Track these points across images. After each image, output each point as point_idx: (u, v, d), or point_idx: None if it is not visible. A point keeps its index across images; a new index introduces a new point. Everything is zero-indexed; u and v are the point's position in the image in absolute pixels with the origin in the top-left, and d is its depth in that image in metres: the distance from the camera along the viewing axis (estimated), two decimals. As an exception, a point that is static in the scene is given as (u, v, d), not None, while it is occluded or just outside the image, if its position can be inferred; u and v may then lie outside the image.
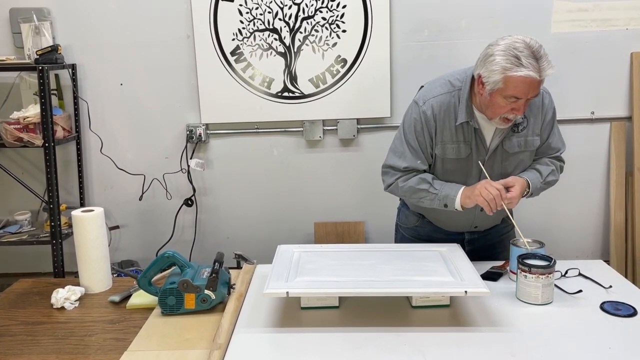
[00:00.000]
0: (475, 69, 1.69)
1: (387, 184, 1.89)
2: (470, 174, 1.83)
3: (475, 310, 1.54)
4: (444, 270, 1.59)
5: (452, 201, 1.77)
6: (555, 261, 1.60)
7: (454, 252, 1.72)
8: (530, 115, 1.80)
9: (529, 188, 1.79)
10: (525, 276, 1.58)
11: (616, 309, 1.53)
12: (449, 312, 1.54)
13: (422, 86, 1.91)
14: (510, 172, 1.83)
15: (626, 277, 2.78)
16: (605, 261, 1.97)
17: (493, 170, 1.82)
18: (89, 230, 1.75)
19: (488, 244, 1.99)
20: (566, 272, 1.77)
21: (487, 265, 1.84)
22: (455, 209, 1.77)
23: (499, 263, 1.85)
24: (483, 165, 1.80)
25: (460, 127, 1.77)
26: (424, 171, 1.85)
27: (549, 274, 1.56)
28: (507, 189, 1.73)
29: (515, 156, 1.82)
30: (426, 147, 1.81)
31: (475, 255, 1.93)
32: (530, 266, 1.57)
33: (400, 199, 2.11)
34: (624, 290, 1.66)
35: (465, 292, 1.43)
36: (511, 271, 1.74)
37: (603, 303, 1.57)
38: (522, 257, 1.62)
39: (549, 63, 1.59)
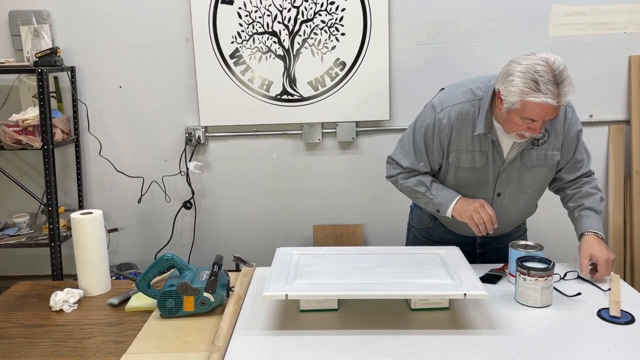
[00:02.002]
0: (496, 82, 1.65)
1: (389, 174, 1.93)
2: (486, 184, 1.81)
3: (475, 313, 1.54)
4: (443, 272, 1.59)
5: (444, 210, 1.79)
6: (554, 264, 1.60)
7: (453, 255, 1.72)
8: (552, 130, 1.76)
9: (601, 234, 1.77)
10: (524, 279, 1.58)
11: (614, 316, 1.52)
12: (448, 315, 1.54)
13: (442, 88, 1.87)
14: (527, 186, 1.82)
15: (625, 279, 2.79)
16: (604, 264, 1.97)
17: (509, 183, 1.81)
18: (88, 232, 1.74)
19: (500, 246, 1.95)
20: (565, 275, 1.77)
21: (486, 268, 1.84)
22: (446, 215, 1.80)
23: (498, 266, 1.85)
24: (498, 177, 1.79)
25: (478, 137, 1.75)
26: (426, 173, 1.85)
27: (548, 276, 1.56)
28: (593, 264, 1.72)
29: (533, 170, 1.79)
30: (432, 152, 1.80)
31: (486, 258, 1.93)
32: (529, 269, 1.57)
33: None
34: (622, 294, 1.65)
35: (465, 294, 1.43)
36: (510, 274, 1.74)
37: (600, 310, 1.55)
38: (521, 260, 1.62)
39: (571, 87, 1.53)
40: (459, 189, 1.83)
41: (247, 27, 2.74)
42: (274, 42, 2.75)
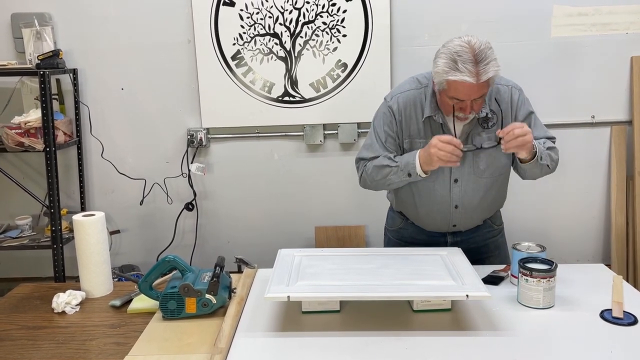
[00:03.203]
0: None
1: (359, 176, 1.93)
2: (442, 170, 1.81)
3: (477, 314, 1.54)
4: (445, 274, 1.58)
5: (413, 168, 1.75)
6: (556, 265, 1.59)
7: (455, 256, 1.71)
8: (499, 112, 1.81)
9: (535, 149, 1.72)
10: (527, 280, 1.57)
11: (616, 317, 1.52)
12: (450, 316, 1.54)
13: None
14: (482, 169, 1.83)
15: (627, 280, 2.78)
16: (606, 265, 1.96)
17: (464, 167, 1.82)
18: (90, 234, 1.75)
19: (472, 247, 1.95)
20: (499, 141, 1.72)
21: (488, 269, 1.83)
22: (419, 175, 1.75)
23: (501, 267, 1.85)
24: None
25: (428, 123, 1.80)
26: None
27: (551, 277, 1.56)
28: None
29: (485, 152, 1.81)
30: (395, 140, 1.85)
31: None
32: (531, 270, 1.57)
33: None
34: (624, 295, 1.65)
35: (467, 295, 1.43)
36: (512, 275, 1.74)
37: (603, 312, 1.54)
38: (523, 261, 1.61)
39: (491, 66, 1.59)
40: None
41: (249, 29, 2.74)
42: (276, 43, 2.76)
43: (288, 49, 2.76)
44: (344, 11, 2.71)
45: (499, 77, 1.78)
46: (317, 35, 2.74)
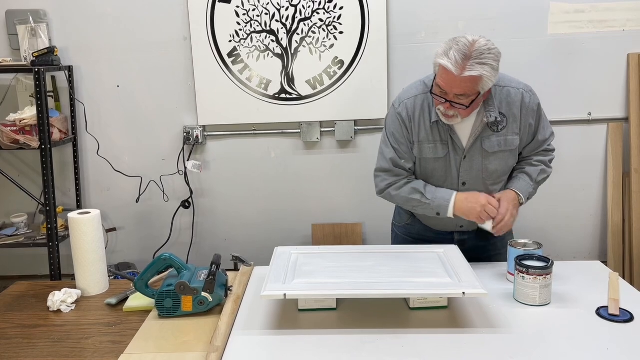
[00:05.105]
0: None
1: (380, 189, 1.92)
2: (450, 173, 1.84)
3: (473, 312, 1.54)
4: (442, 271, 1.58)
5: (444, 212, 1.81)
6: (552, 262, 1.60)
7: (452, 254, 1.72)
8: (510, 115, 1.80)
9: (522, 197, 1.83)
10: (523, 277, 1.58)
11: (613, 314, 1.52)
12: (446, 314, 1.54)
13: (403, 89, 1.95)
14: (491, 172, 1.85)
15: (624, 277, 2.79)
16: (602, 262, 1.97)
17: (472, 170, 1.84)
18: (86, 232, 1.74)
19: (479, 245, 1.97)
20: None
21: (488, 268, 1.83)
22: (449, 217, 1.81)
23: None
24: (460, 165, 1.83)
25: (436, 127, 1.80)
26: (411, 171, 1.87)
27: (547, 275, 1.56)
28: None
29: (495, 155, 1.83)
30: (407, 146, 1.85)
31: (465, 256, 1.93)
32: (527, 267, 1.57)
33: None
34: (621, 292, 1.65)
35: (463, 293, 1.43)
36: (509, 272, 1.74)
37: (599, 309, 1.55)
38: (519, 258, 1.61)
39: (481, 68, 1.59)
40: (427, 181, 1.87)
41: (245, 26, 2.73)
42: (272, 40, 2.75)
43: (284, 46, 2.76)
44: (341, 8, 2.70)
45: (508, 79, 1.80)
46: (314, 32, 2.74)
